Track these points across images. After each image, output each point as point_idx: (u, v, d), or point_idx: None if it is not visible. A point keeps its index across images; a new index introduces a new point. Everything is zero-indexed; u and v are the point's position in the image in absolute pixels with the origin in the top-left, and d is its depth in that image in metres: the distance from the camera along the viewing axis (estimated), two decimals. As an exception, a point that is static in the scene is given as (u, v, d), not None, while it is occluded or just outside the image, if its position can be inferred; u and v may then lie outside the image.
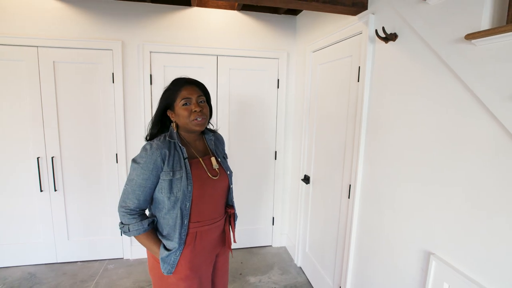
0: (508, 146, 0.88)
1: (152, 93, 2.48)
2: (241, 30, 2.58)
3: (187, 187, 1.15)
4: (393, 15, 1.38)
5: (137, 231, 1.15)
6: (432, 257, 1.14)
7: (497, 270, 0.92)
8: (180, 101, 1.18)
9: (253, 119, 2.73)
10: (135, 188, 1.14)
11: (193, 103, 1.20)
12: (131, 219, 1.15)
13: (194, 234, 1.21)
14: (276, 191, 2.91)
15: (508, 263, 0.88)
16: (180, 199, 1.14)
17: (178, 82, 1.23)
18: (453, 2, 1.05)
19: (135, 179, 1.13)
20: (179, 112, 1.19)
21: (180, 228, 1.15)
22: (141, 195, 1.14)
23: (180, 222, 1.15)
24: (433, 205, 1.16)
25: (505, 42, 0.88)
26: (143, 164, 1.12)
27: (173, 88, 1.21)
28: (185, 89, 1.20)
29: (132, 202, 1.14)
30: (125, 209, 1.15)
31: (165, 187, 1.14)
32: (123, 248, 2.66)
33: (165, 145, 1.16)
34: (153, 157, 1.12)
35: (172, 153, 1.16)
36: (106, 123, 2.46)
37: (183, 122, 1.20)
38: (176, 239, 1.16)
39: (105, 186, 2.54)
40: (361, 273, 1.67)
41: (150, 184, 1.14)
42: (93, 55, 2.35)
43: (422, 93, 1.22)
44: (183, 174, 1.15)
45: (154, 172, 1.13)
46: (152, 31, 2.41)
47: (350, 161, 1.77)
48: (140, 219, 1.16)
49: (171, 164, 1.15)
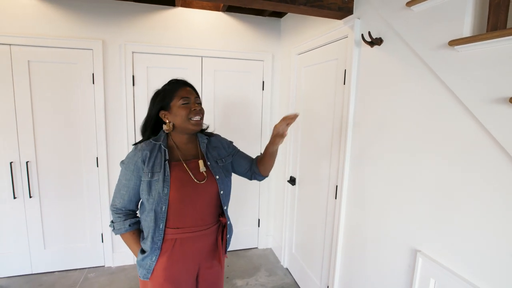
0: (488, 143, 0.93)
1: (134, 95, 2.41)
2: (226, 31, 2.56)
3: (163, 189, 1.12)
4: (379, 20, 1.42)
5: (119, 230, 1.19)
6: (418, 254, 1.18)
7: (477, 260, 0.97)
8: (179, 100, 1.17)
9: (238, 121, 2.72)
10: (121, 187, 1.18)
11: (192, 102, 1.20)
12: (116, 217, 1.20)
13: (173, 241, 1.17)
14: (262, 193, 2.91)
15: (482, 252, 0.93)
16: (155, 201, 1.13)
17: (175, 83, 1.23)
18: (436, 10, 1.10)
19: (121, 179, 1.19)
20: (177, 111, 1.17)
21: (154, 232, 1.14)
22: (125, 195, 1.17)
23: (153, 226, 1.14)
24: (418, 204, 1.20)
25: (485, 49, 0.93)
26: (126, 164, 1.17)
27: (170, 88, 1.20)
28: (183, 89, 1.20)
29: (119, 201, 1.19)
30: (113, 208, 1.21)
31: (144, 189, 1.14)
32: (104, 256, 2.55)
33: (148, 147, 1.17)
34: (134, 158, 1.15)
35: (154, 154, 1.16)
36: (86, 126, 2.36)
37: (180, 121, 1.18)
38: (149, 243, 1.14)
39: (84, 191, 2.44)
40: (349, 272, 1.70)
41: (133, 185, 1.16)
42: (72, 55, 2.25)
43: (407, 96, 1.26)
44: (161, 176, 1.13)
45: (135, 173, 1.15)
46: (135, 31, 2.35)
47: (336, 162, 1.80)
48: (124, 219, 1.19)
49: (151, 166, 1.14)
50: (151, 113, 1.23)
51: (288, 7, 1.53)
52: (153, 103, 1.22)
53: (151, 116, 1.23)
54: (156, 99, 1.21)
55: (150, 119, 1.23)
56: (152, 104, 1.22)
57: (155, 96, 1.23)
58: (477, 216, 0.97)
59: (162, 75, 2.43)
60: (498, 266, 0.91)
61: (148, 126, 1.24)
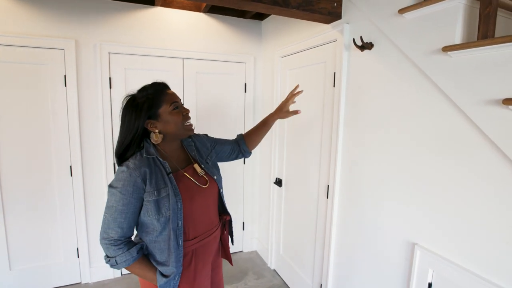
0: (479, 140, 1.01)
1: (112, 98, 2.27)
2: (207, 33, 2.52)
3: (177, 204, 1.04)
4: (369, 26, 1.49)
5: (126, 262, 1.02)
6: (416, 247, 1.25)
7: (473, 249, 1.05)
8: (169, 106, 1.07)
9: (221, 124, 2.68)
10: (116, 215, 1.00)
11: (181, 106, 1.13)
12: (116, 250, 1.01)
13: (191, 253, 1.11)
14: (246, 196, 2.89)
15: (477, 240, 1.02)
16: (171, 219, 1.03)
17: (157, 87, 1.09)
18: (428, 18, 1.18)
19: (115, 205, 1.00)
20: (169, 118, 1.08)
21: (176, 250, 1.04)
22: (124, 222, 1.01)
23: (174, 244, 1.04)
24: (413, 198, 1.28)
25: (476, 55, 1.01)
26: (121, 188, 0.99)
27: (154, 94, 1.07)
28: (169, 93, 1.11)
29: (115, 232, 1.01)
30: (108, 241, 1.01)
31: (151, 209, 1.02)
32: (80, 272, 2.36)
33: (143, 163, 1.03)
34: (131, 179, 0.99)
35: (153, 170, 1.04)
36: (58, 132, 2.17)
37: (174, 128, 1.09)
38: (173, 263, 1.04)
39: (56, 203, 2.23)
40: (343, 269, 1.75)
41: (133, 209, 1.02)
42: (41, 55, 2.05)
43: (399, 97, 1.33)
44: (170, 191, 1.03)
45: (135, 195, 1.01)
46: (112, 31, 2.21)
47: (327, 163, 1.85)
48: (127, 248, 1.02)
49: (154, 183, 1.02)
50: (136, 126, 1.04)
51: (281, 10, 1.54)
52: (136, 114, 1.04)
53: (137, 129, 1.04)
54: (138, 109, 1.04)
55: (135, 134, 1.05)
56: (135, 116, 1.04)
57: (134, 105, 1.05)
58: (471, 208, 1.06)
59: (141, 77, 2.31)
60: (493, 253, 1.00)
61: (134, 143, 1.06)
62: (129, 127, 1.05)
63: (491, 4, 0.98)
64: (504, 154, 0.95)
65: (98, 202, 2.34)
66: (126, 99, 1.08)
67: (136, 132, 1.05)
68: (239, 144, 1.44)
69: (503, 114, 0.93)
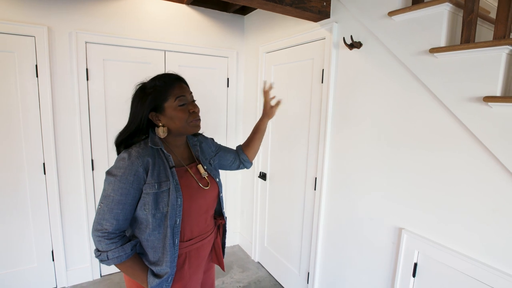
0: (461, 132, 1.14)
1: (89, 90, 2.14)
2: (190, 25, 2.46)
3: (177, 199, 1.00)
4: (357, 26, 1.58)
5: (119, 258, 0.96)
6: (403, 231, 1.37)
7: (454, 229, 1.18)
8: (174, 101, 1.02)
9: (203, 118, 2.61)
10: (113, 206, 0.95)
11: (189, 103, 1.07)
12: (109, 244, 0.95)
13: (185, 255, 1.08)
14: (228, 192, 2.90)
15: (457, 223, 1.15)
16: (169, 215, 0.98)
17: (166, 78, 1.05)
18: (416, 21, 1.28)
19: (112, 195, 0.95)
20: (173, 114, 1.03)
21: (171, 249, 1.00)
22: (120, 214, 0.96)
23: (170, 243, 0.99)
24: (400, 187, 1.39)
25: (460, 57, 1.13)
26: (121, 176, 0.94)
27: (161, 85, 1.03)
28: (178, 86, 1.05)
29: (110, 223, 0.95)
30: (102, 233, 0.95)
31: (149, 203, 0.98)
32: (55, 275, 2.22)
33: (147, 153, 0.99)
34: (133, 167, 0.95)
35: (156, 161, 1.00)
36: (29, 126, 2.00)
37: (178, 125, 1.05)
38: (167, 263, 1.00)
39: (28, 203, 2.07)
40: (331, 256, 1.85)
41: (131, 200, 0.97)
42: (8, 42, 1.87)
43: (386, 93, 1.44)
44: (171, 185, 0.99)
45: (135, 185, 0.96)
46: (88, 19, 2.08)
47: (315, 156, 1.93)
48: (121, 243, 0.97)
49: (156, 175, 0.98)
50: (140, 116, 1.02)
51: (274, 6, 1.57)
52: (141, 103, 1.02)
53: (141, 119, 1.02)
54: (144, 98, 1.01)
55: (140, 124, 1.02)
56: (140, 104, 1.02)
57: (141, 94, 1.03)
58: (453, 194, 1.19)
59: (121, 69, 2.21)
60: (473, 233, 1.13)
61: (139, 132, 1.04)
62: (134, 115, 1.03)
63: (473, 12, 1.10)
64: (484, 147, 1.08)
65: (75, 201, 2.21)
66: (138, 86, 1.06)
67: (141, 122, 1.02)
68: (238, 154, 1.40)
69: (484, 110, 1.06)
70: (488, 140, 1.06)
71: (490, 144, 1.05)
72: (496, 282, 1.06)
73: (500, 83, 1.03)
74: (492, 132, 1.04)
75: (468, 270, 1.14)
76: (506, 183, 1.03)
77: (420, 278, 1.32)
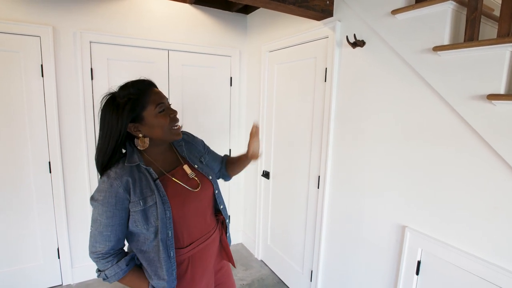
0: (464, 130, 1.14)
1: (93, 90, 2.16)
2: (193, 25, 2.47)
3: (165, 212, 0.96)
4: (360, 24, 1.58)
5: (116, 275, 0.97)
6: (406, 229, 1.38)
7: (456, 227, 1.19)
8: (155, 108, 0.97)
9: (206, 117, 2.67)
10: (102, 229, 0.94)
11: (167, 108, 1.03)
12: (105, 263, 0.97)
13: (187, 260, 1.05)
14: (231, 190, 2.92)
15: (459, 220, 1.16)
16: (160, 229, 0.95)
17: (140, 85, 0.99)
18: (419, 20, 1.28)
19: (99, 219, 0.94)
20: (154, 122, 0.98)
21: (167, 263, 0.98)
22: (111, 235, 0.95)
23: (165, 257, 0.97)
24: (403, 185, 1.40)
25: (463, 55, 1.13)
26: (103, 200, 0.92)
27: (137, 93, 0.97)
28: (154, 92, 1.00)
29: (104, 245, 0.95)
30: (97, 255, 0.96)
31: (138, 219, 0.95)
32: (61, 273, 2.24)
33: (125, 172, 0.95)
34: (113, 190, 0.92)
35: (136, 178, 0.96)
36: (34, 126, 2.02)
37: (160, 133, 1.00)
38: (164, 276, 0.98)
39: (34, 201, 2.09)
40: (334, 255, 1.86)
41: (119, 221, 0.95)
42: (13, 42, 1.89)
43: (389, 91, 1.44)
44: (157, 199, 0.96)
45: (119, 206, 0.94)
46: (93, 18, 2.09)
47: (318, 154, 1.93)
48: (116, 261, 0.98)
49: (139, 192, 0.95)
50: (118, 130, 0.94)
51: (277, 5, 1.57)
52: (117, 115, 0.93)
53: (119, 134, 0.94)
54: (120, 110, 0.94)
55: (118, 140, 0.95)
56: (116, 117, 0.94)
57: (114, 106, 0.94)
58: (456, 192, 1.19)
59: (125, 69, 2.23)
60: (476, 230, 1.14)
61: (118, 150, 0.98)
62: (111, 130, 0.94)
63: (476, 10, 1.10)
64: (487, 145, 1.08)
65: (80, 200, 2.23)
66: (105, 98, 0.97)
67: (119, 138, 0.95)
68: (222, 166, 1.35)
69: (488, 108, 1.06)
70: (492, 138, 1.06)
71: (494, 142, 1.05)
72: (499, 280, 1.06)
73: (504, 81, 1.03)
74: (496, 130, 1.04)
75: (471, 268, 1.14)
76: (509, 181, 1.03)
77: (424, 275, 1.33)
